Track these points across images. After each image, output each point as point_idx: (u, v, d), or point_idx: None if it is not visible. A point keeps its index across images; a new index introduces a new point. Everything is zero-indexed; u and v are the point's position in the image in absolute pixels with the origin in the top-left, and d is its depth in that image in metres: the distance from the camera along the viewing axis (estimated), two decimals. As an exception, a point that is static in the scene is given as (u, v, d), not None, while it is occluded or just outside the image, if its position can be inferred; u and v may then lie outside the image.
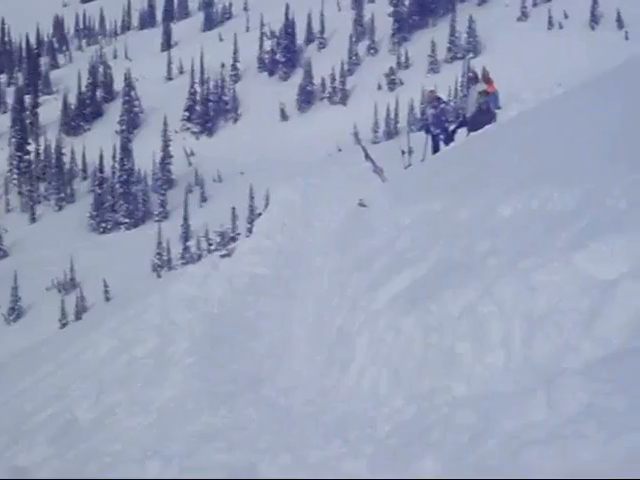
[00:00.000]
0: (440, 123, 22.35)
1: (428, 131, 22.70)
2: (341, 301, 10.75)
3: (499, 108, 21.47)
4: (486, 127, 17.97)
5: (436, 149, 22.25)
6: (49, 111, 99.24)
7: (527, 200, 8.40)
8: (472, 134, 19.02)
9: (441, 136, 22.26)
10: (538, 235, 7.39)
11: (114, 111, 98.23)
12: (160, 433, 8.74)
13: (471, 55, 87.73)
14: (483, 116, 20.10)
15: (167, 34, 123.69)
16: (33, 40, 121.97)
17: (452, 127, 22.39)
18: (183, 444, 8.05)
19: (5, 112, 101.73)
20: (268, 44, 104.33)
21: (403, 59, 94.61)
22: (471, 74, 24.40)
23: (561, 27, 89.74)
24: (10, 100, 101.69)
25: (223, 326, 12.70)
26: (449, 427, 5.66)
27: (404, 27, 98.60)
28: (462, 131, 21.53)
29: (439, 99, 23.26)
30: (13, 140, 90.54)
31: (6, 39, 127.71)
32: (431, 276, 8.45)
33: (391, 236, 11.07)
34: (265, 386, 9.80)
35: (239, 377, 10.29)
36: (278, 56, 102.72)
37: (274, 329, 12.20)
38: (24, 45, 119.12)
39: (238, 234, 65.25)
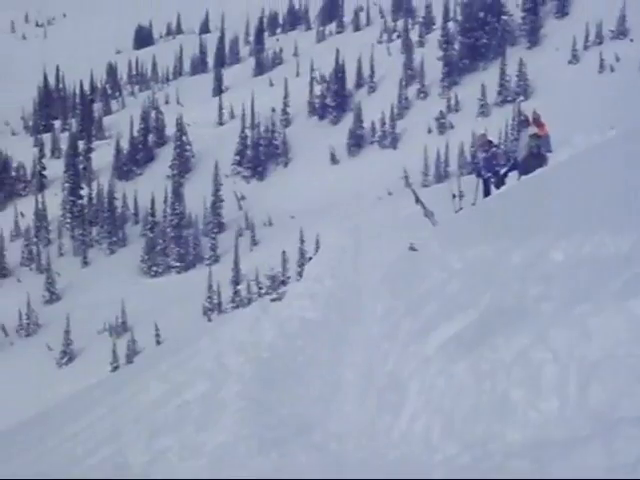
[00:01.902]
0: (491, 167, 22.24)
1: (479, 174, 22.60)
2: (392, 346, 10.69)
3: (550, 152, 21.33)
4: (537, 171, 17.88)
5: (487, 193, 22.15)
6: (102, 156, 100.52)
7: (579, 245, 8.32)
8: (523, 178, 18.92)
9: (492, 180, 22.16)
10: (591, 280, 7.31)
11: (166, 156, 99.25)
12: (211, 478, 8.73)
13: (522, 98, 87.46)
14: (534, 160, 19.99)
15: (218, 79, 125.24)
16: (87, 86, 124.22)
17: (503, 170, 22.27)
18: (234, 489, 8.04)
19: (59, 157, 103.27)
20: (318, 89, 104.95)
21: (453, 102, 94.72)
22: (522, 117, 24.32)
23: (612, 70, 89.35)
24: (64, 146, 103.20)
25: (273, 370, 12.68)
26: (503, 475, 5.58)
27: (454, 71, 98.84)
28: (513, 174, 21.42)
29: (490, 143, 23.19)
30: (66, 185, 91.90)
31: (60, 86, 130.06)
32: (483, 321, 8.38)
33: (442, 280, 11.01)
34: (316, 431, 9.74)
35: (289, 422, 10.25)
36: (328, 100, 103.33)
37: (324, 373, 12.14)
38: (78, 91, 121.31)
39: (288, 278, 65.43)
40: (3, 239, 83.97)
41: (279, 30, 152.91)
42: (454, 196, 23.39)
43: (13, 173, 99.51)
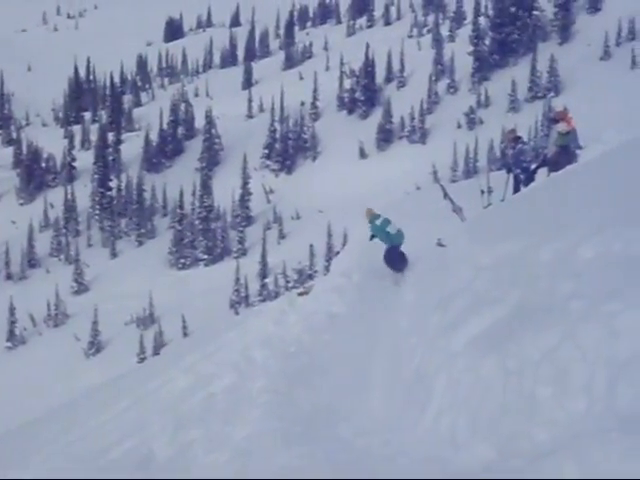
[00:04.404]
0: (519, 163, 22.09)
1: (509, 170, 22.43)
2: (419, 341, 10.65)
3: (580, 148, 21.14)
4: (567, 167, 17.75)
5: (517, 189, 22.00)
6: (131, 148, 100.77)
7: (609, 242, 8.24)
8: (553, 174, 18.80)
9: (521, 176, 21.99)
10: (621, 278, 7.24)
11: (195, 148, 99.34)
12: (236, 471, 8.73)
13: (552, 94, 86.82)
14: (564, 156, 19.86)
15: (248, 73, 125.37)
16: (117, 78, 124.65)
17: (533, 167, 22.10)
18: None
19: (88, 149, 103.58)
20: (348, 83, 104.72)
21: (483, 98, 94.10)
22: (552, 115, 24.20)
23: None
24: (94, 137, 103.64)
25: (299, 364, 12.67)
26: (531, 474, 5.55)
27: (484, 66, 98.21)
28: (543, 171, 21.27)
29: (518, 138, 23.00)
30: (96, 176, 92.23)
31: (91, 77, 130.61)
32: (511, 318, 8.32)
33: (470, 276, 10.94)
34: (341, 426, 9.72)
35: (315, 416, 10.24)
36: (358, 95, 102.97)
37: (351, 368, 12.12)
38: (108, 83, 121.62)
39: (316, 272, 65.37)
40: (32, 230, 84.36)
41: (309, 24, 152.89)
42: (483, 192, 23.22)
43: (43, 164, 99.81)
